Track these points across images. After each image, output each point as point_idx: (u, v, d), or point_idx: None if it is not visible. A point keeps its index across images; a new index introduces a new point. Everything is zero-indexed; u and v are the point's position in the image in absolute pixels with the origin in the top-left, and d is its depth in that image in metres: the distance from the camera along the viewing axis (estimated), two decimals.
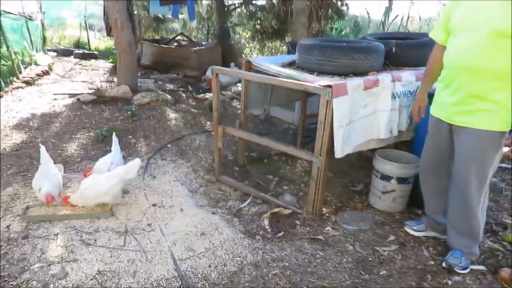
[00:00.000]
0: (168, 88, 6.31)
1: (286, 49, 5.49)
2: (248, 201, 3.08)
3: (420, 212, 2.82)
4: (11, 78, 5.97)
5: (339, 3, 7.10)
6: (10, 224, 2.53)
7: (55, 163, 3.27)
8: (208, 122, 4.79)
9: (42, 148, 2.84)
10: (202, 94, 6.00)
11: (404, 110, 2.86)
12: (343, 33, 7.32)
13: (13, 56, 6.13)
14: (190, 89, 6.41)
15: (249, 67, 3.24)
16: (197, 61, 7.44)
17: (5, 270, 2.13)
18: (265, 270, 2.21)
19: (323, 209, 2.92)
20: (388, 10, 6.18)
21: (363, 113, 2.69)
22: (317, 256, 2.36)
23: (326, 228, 2.68)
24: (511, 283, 2.13)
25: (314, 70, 2.88)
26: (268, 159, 3.93)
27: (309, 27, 6.41)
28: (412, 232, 2.58)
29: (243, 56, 9.46)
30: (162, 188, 3.15)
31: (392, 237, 2.58)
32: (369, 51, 2.81)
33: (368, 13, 7.22)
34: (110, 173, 2.81)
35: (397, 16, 6.39)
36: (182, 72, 7.52)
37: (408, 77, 2.87)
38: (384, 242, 2.54)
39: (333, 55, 2.77)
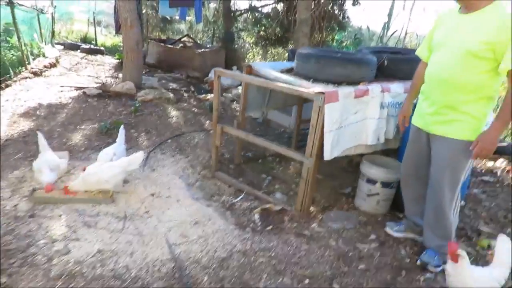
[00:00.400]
0: (171, 87, 6.50)
1: (287, 56, 5.70)
2: (241, 197, 3.25)
3: (402, 215, 2.99)
4: (20, 68, 6.16)
5: (340, 15, 7.33)
6: (17, 204, 2.70)
7: (60, 150, 3.47)
8: (207, 122, 4.98)
9: (40, 135, 3.01)
10: (204, 95, 6.20)
11: (391, 120, 3.05)
12: (343, 44, 7.54)
13: (23, 47, 6.31)
14: (192, 89, 6.60)
15: (250, 71, 3.43)
16: (200, 63, 7.65)
17: (12, 244, 2.30)
18: (252, 258, 2.39)
19: (311, 207, 3.10)
20: (385, 25, 6.42)
21: (353, 119, 2.88)
22: (302, 249, 2.54)
23: (312, 225, 2.86)
24: None
25: (310, 77, 3.07)
26: (263, 159, 4.11)
27: (311, 36, 6.63)
28: (391, 233, 2.77)
29: (246, 60, 9.68)
30: (160, 180, 3.33)
31: (373, 236, 2.77)
32: (361, 62, 3.01)
33: (368, 27, 7.48)
34: (113, 162, 2.99)
35: (396, 31, 6.65)
36: (185, 73, 7.72)
37: (397, 89, 3.06)
38: (365, 240, 2.72)
39: (328, 64, 2.97)
